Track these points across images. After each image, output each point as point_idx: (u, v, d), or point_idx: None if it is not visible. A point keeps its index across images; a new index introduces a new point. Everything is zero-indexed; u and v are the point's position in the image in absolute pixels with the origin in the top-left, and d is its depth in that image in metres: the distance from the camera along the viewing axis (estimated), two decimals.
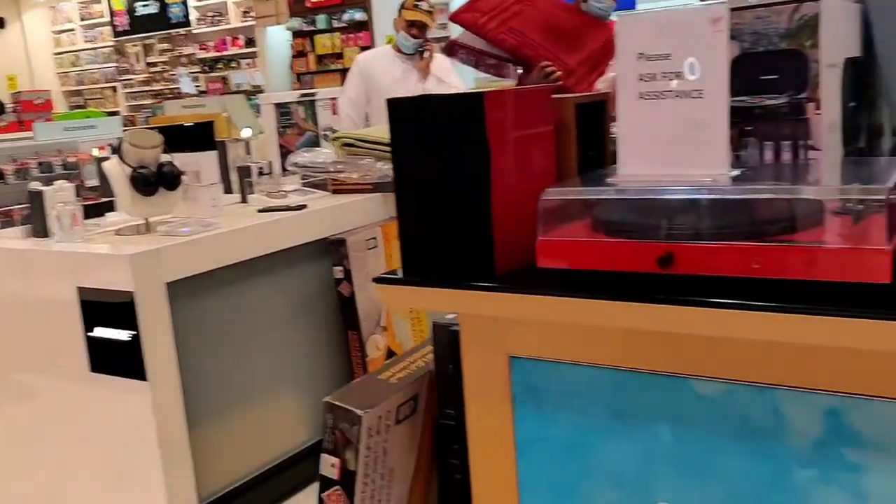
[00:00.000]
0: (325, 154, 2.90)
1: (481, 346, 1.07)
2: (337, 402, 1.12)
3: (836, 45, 1.09)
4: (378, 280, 1.07)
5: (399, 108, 1.03)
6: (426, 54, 4.01)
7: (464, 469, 1.15)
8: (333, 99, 3.99)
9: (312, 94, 3.72)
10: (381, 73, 4.01)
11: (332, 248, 2.56)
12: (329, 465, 1.14)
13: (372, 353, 2.63)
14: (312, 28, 9.52)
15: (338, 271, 2.57)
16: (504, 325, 1.04)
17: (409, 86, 3.95)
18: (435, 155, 1.01)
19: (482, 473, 1.11)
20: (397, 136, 1.04)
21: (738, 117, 1.13)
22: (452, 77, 4.10)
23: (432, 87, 3.97)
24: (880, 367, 0.82)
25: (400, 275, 1.05)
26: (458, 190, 1.00)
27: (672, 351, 0.93)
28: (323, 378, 2.60)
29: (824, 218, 0.84)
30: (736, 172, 0.93)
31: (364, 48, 8.77)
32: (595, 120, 1.21)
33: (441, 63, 4.12)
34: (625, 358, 0.96)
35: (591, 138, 1.19)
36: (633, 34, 0.94)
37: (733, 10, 1.11)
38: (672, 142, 0.94)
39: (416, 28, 3.98)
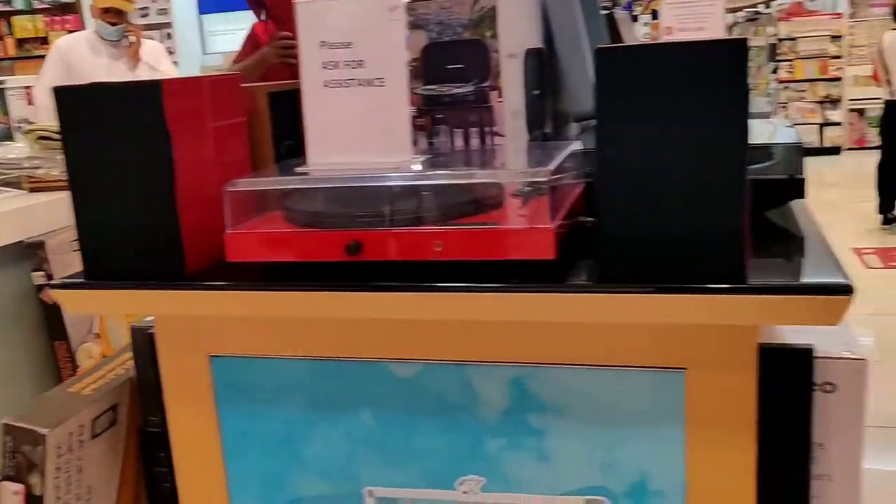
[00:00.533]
0: (19, 149, 2.63)
1: (178, 348, 1.02)
2: (16, 423, 1.01)
3: (514, 37, 1.16)
4: (55, 286, 0.98)
5: (67, 97, 0.95)
6: (132, 39, 3.76)
7: (172, 476, 1.09)
8: (29, 87, 3.62)
9: (1, 82, 3.35)
10: (84, 61, 3.71)
11: (30, 252, 2.33)
12: (11, 493, 1.02)
13: (84, 364, 2.43)
14: (9, 8, 8.60)
15: (38, 277, 2.34)
16: (200, 325, 0.99)
17: (118, 74, 3.69)
18: (112, 149, 0.94)
19: (189, 477, 1.07)
20: (67, 129, 0.95)
21: (430, 105, 1.17)
22: (165, 64, 3.89)
23: (143, 75, 3.74)
24: (552, 335, 0.88)
25: (80, 278, 0.97)
26: (140, 185, 0.94)
27: (368, 337, 0.94)
28: (27, 397, 2.36)
29: (497, 200, 0.89)
30: (421, 159, 0.95)
31: (73, 32, 8.08)
32: (291, 109, 1.19)
33: (152, 49, 3.89)
34: (323, 348, 0.96)
35: (287, 128, 1.17)
36: (313, 21, 0.93)
37: None
38: (358, 130, 0.94)
39: (112, 14, 3.71)
